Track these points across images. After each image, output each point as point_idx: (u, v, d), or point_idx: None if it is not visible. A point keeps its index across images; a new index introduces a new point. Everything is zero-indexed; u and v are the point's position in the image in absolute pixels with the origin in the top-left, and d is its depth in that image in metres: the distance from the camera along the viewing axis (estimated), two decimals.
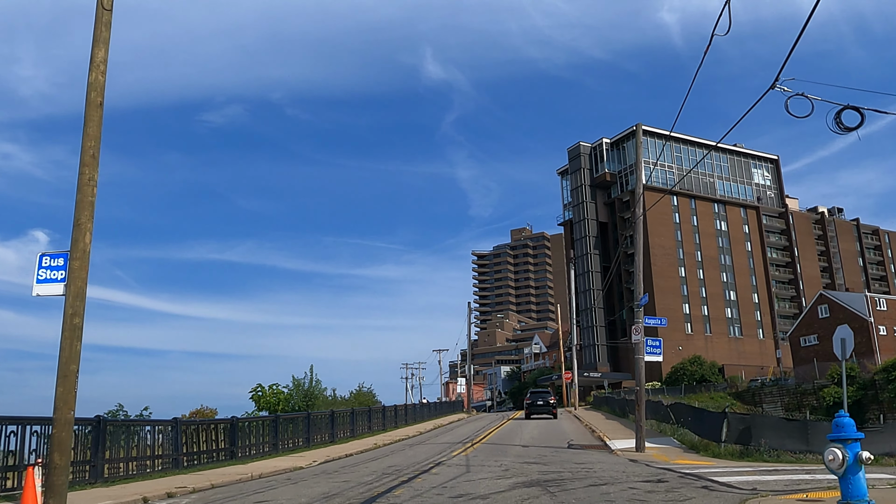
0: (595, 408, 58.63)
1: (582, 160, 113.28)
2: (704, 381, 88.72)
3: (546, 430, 30.82)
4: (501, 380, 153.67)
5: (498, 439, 26.11)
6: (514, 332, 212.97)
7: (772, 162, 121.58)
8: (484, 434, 29.97)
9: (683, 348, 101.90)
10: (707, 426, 19.56)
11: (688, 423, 21.61)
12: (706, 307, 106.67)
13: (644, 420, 19.83)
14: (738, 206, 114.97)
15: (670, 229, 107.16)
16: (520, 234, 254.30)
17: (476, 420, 49.66)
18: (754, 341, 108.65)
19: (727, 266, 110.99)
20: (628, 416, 38.12)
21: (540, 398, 46.21)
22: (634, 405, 28.35)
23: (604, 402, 54.06)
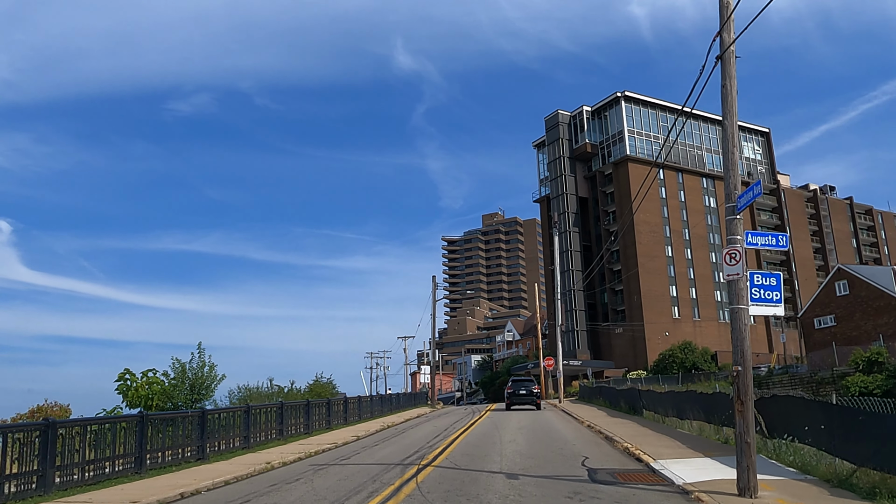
0: (584, 400, 49.19)
1: (560, 130, 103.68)
2: (696, 368, 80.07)
3: (538, 437, 20.98)
4: (472, 369, 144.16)
5: (465, 457, 16.20)
6: (486, 319, 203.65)
7: (762, 135, 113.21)
8: (445, 444, 20.03)
9: (671, 334, 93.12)
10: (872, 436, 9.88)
11: (814, 431, 11.72)
12: (694, 290, 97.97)
13: (752, 432, 9.93)
14: None
15: (656, 205, 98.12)
16: (491, 219, 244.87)
17: (440, 416, 39.82)
18: None
19: (716, 246, 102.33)
20: (641, 412, 28.57)
21: (523, 387, 41.80)
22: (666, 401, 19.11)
23: (596, 394, 44.54)
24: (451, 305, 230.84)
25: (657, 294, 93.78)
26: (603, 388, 43.97)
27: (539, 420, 31.17)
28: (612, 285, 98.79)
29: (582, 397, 52.15)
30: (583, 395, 52.68)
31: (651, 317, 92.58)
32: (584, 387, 54.73)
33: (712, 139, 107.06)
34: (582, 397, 52.15)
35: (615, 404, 35.35)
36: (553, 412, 37.61)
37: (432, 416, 40.96)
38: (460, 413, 42.72)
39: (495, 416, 35.88)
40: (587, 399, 48.00)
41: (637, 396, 29.81)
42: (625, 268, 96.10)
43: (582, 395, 52.93)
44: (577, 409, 38.38)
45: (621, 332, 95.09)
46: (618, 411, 33.12)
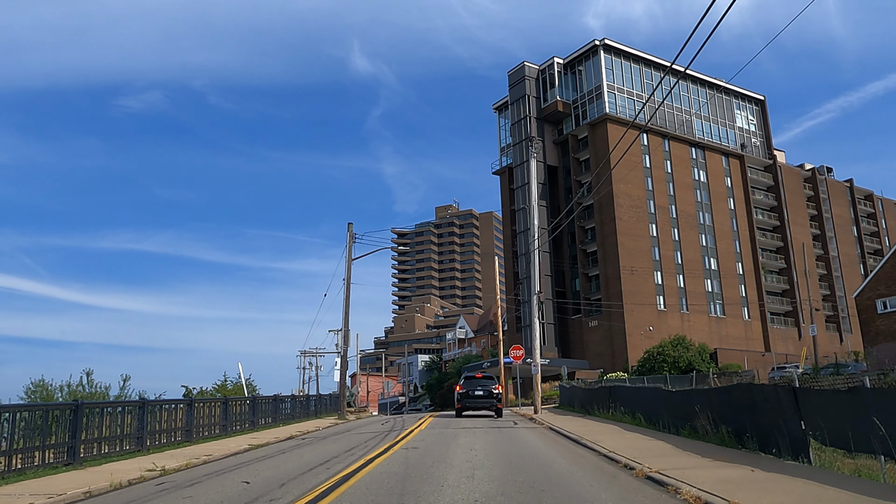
0: (569, 408, 32.43)
1: (527, 86, 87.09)
2: (692, 369, 64.13)
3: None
4: (418, 371, 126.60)
5: None
6: (436, 318, 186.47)
7: (757, 103, 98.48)
8: None
9: (655, 329, 77.11)
10: None
11: None
12: (682, 277, 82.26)
13: None
14: (720, 152, 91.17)
15: (639, 175, 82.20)
16: (445, 211, 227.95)
17: (339, 435, 22.75)
18: (738, 322, 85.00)
19: (707, 227, 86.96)
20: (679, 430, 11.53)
21: (479, 386, 31.74)
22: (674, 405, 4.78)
23: (587, 399, 27.68)
24: (400, 303, 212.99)
25: (640, 281, 77.79)
26: (596, 392, 27.02)
27: (514, 448, 14.09)
28: (586, 270, 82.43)
29: (564, 404, 35.27)
30: (564, 400, 35.84)
31: (633, 308, 76.50)
32: (564, 389, 37.67)
33: (703, 104, 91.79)
34: (564, 404, 35.27)
35: (630, 416, 18.44)
36: (534, 432, 20.53)
37: (328, 433, 23.61)
38: (376, 428, 25.22)
39: (431, 435, 19.00)
40: (573, 406, 31.24)
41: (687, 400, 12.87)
42: (601, 249, 79.91)
43: (563, 401, 36.03)
44: (572, 425, 21.42)
45: (596, 325, 78.73)
46: (653, 429, 16.14)
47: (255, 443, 19.18)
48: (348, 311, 35.40)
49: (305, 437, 21.93)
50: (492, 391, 31.18)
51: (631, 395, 21.51)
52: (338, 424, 28.85)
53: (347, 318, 35.30)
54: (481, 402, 31.23)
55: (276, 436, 21.93)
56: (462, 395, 31.84)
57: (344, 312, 35.34)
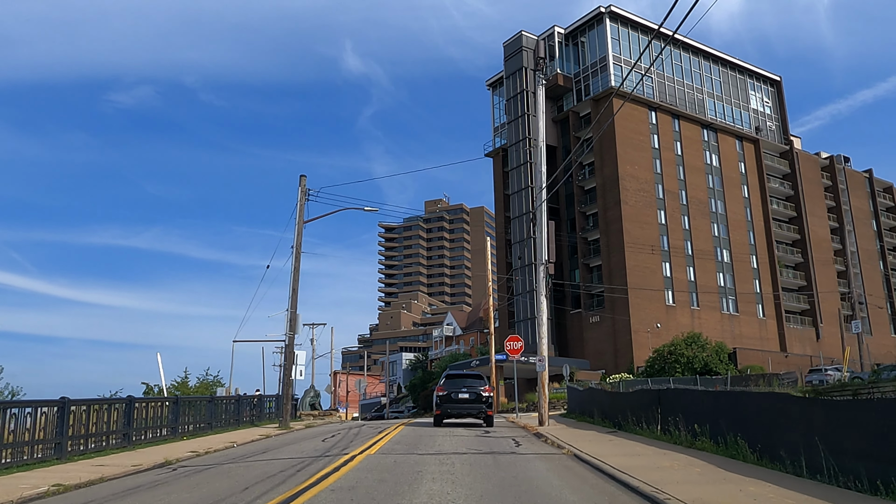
0: (582, 417, 24.36)
1: (524, 58, 78.99)
2: (708, 371, 56.60)
3: None
4: (402, 370, 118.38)
5: None
6: (423, 315, 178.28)
7: (773, 84, 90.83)
8: None
9: (663, 325, 69.33)
10: None
11: None
12: (692, 269, 74.45)
13: None
14: (734, 134, 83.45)
15: (647, 156, 74.39)
16: (435, 205, 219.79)
17: (212, 473, 14.16)
18: (752, 320, 77.26)
19: (719, 215, 79.22)
20: None
21: (465, 387, 25.03)
22: None
23: (616, 407, 19.58)
24: (386, 299, 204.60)
25: (647, 273, 69.95)
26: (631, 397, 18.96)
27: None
28: (587, 260, 74.48)
29: (576, 412, 27.21)
30: (575, 407, 27.78)
31: (639, 302, 68.66)
32: (575, 392, 29.51)
33: (716, 82, 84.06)
34: (576, 412, 27.21)
35: (712, 439, 10.38)
36: (551, 465, 12.41)
37: (226, 457, 15.47)
38: (310, 448, 16.95)
39: (383, 466, 10.99)
40: (590, 416, 23.29)
41: None
42: (604, 236, 72.01)
43: (574, 408, 27.96)
44: (611, 451, 13.37)
45: (598, 321, 70.80)
46: (775, 468, 7.85)
47: (68, 482, 11.01)
48: (297, 287, 27.22)
49: (179, 466, 13.73)
50: (480, 394, 24.83)
51: (705, 403, 13.40)
52: (267, 438, 20.69)
53: (296, 298, 27.12)
54: (467, 407, 24.86)
55: (138, 462, 13.75)
56: (443, 399, 25.14)
57: (291, 289, 27.15)
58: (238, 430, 23.82)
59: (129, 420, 16.67)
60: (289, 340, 26.35)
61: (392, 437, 18.19)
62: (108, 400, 18.22)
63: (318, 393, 48.02)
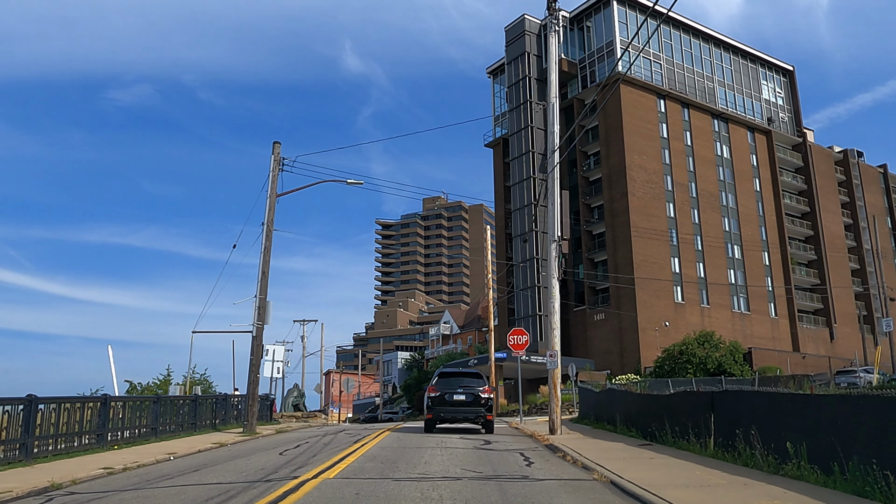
0: (599, 424, 20.67)
1: (527, 42, 75.32)
2: (722, 372, 52.93)
3: None
4: (397, 370, 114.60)
5: None
6: (421, 313, 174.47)
7: (786, 74, 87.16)
8: None
9: (672, 324, 65.67)
10: None
11: None
12: (702, 266, 70.76)
13: None
14: (745, 125, 79.76)
15: (655, 145, 70.69)
16: (433, 203, 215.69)
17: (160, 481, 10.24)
18: (764, 320, 73.54)
19: (730, 209, 75.53)
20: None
21: (461, 386, 21.53)
22: None
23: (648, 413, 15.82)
24: (383, 298, 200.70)
25: (655, 268, 66.26)
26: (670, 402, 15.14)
27: None
28: (592, 254, 70.78)
29: (591, 418, 23.49)
30: (589, 410, 24.10)
31: (646, 299, 64.98)
32: (590, 394, 25.63)
33: (727, 70, 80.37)
34: (591, 418, 23.49)
35: (767, 447, 6.91)
36: (582, 497, 8.45)
37: (135, 479, 11.56)
38: (262, 462, 13.13)
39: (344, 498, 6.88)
40: (611, 423, 19.64)
41: None
42: (610, 230, 68.33)
43: (588, 412, 24.24)
44: (662, 476, 9.44)
45: (603, 318, 67.10)
46: None
47: None
48: (267, 270, 23.46)
49: (61, 494, 10.00)
50: (478, 395, 21.51)
51: (796, 411, 9.63)
52: (219, 448, 16.95)
53: (265, 283, 23.37)
54: (463, 410, 21.51)
55: (8, 489, 10.02)
56: (435, 401, 21.67)
57: (260, 272, 23.39)
58: (191, 437, 20.10)
59: (29, 428, 12.90)
60: (256, 331, 22.58)
61: (368, 450, 14.46)
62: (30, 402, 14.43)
63: (302, 393, 44.29)
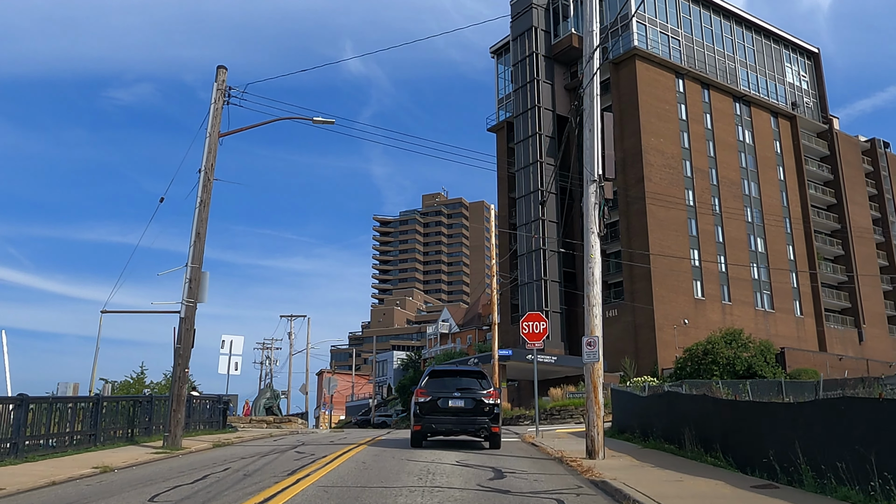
0: (646, 442, 14.85)
1: (534, 16, 69.66)
2: (752, 374, 47.20)
3: None
4: (393, 370, 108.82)
5: None
6: (419, 312, 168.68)
7: (810, 56, 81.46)
8: None
9: (691, 322, 59.98)
10: None
11: None
12: (724, 259, 65.05)
13: None
14: (768, 109, 74.04)
15: (674, 127, 64.99)
16: (433, 199, 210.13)
17: None
18: (789, 319, 67.77)
19: (753, 199, 69.81)
20: None
21: (458, 390, 16.52)
22: None
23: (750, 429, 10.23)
24: (380, 296, 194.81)
25: (673, 261, 60.52)
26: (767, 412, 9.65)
27: None
28: (603, 245, 64.91)
29: (632, 430, 17.63)
30: (632, 420, 18.40)
31: (664, 294, 59.27)
32: (631, 400, 19.73)
33: (749, 50, 74.67)
34: (632, 430, 17.63)
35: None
36: None
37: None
38: None
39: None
40: (667, 440, 14.11)
41: None
42: (624, 218, 62.63)
43: (627, 423, 18.44)
44: None
45: (615, 315, 61.32)
46: None
47: None
48: (203, 231, 17.72)
49: None
50: (481, 399, 16.44)
51: None
52: (99, 474, 11.29)
53: (201, 247, 17.62)
54: (461, 420, 16.28)
55: None
56: (425, 408, 16.41)
57: (194, 233, 17.66)
58: (80, 455, 14.30)
59: None
60: (186, 311, 16.84)
61: (304, 489, 8.66)
62: None
63: (277, 394, 38.48)
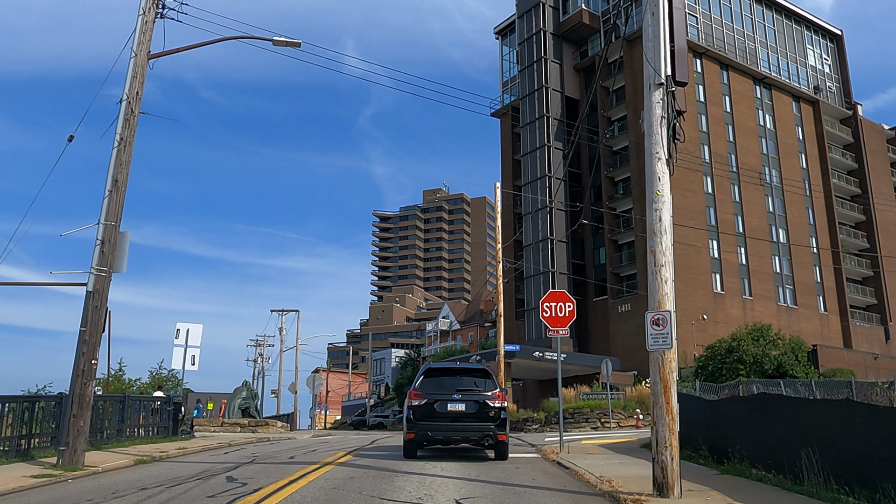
0: (733, 461, 10.55)
1: None
2: (782, 374, 42.76)
3: None
4: (391, 368, 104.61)
5: None
6: (418, 310, 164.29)
7: (833, 39, 77.05)
8: None
9: (710, 317, 55.65)
10: None
11: None
12: (744, 251, 60.71)
13: None
14: (790, 93, 69.68)
15: (691, 109, 60.59)
16: (434, 195, 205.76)
17: None
18: (813, 315, 63.42)
19: (774, 187, 65.47)
20: None
21: (458, 391, 14.13)
22: None
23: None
24: (379, 293, 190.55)
25: (691, 252, 56.23)
26: None
27: None
28: (616, 236, 60.68)
29: (696, 445, 13.06)
30: (698, 435, 13.39)
31: (681, 287, 54.81)
32: (692, 402, 15.34)
33: (769, 30, 70.30)
34: (696, 445, 13.06)
35: None
36: None
37: None
38: None
39: None
40: (786, 473, 9.79)
41: None
42: (638, 206, 58.24)
43: (693, 438, 13.58)
44: None
45: (628, 310, 56.95)
46: None
47: None
48: (123, 179, 13.58)
49: None
50: (485, 402, 14.10)
51: None
52: None
53: (119, 199, 13.53)
54: (462, 427, 13.93)
55: None
56: (419, 412, 14.08)
57: (110, 179, 13.52)
58: None
59: None
60: (95, 283, 12.59)
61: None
62: None
63: (254, 393, 34.18)
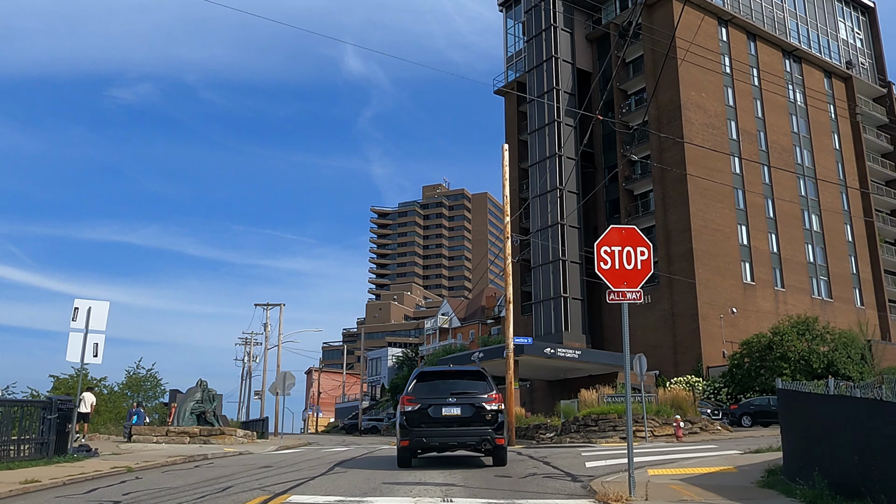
0: None
1: None
2: (834, 373, 36.75)
3: None
4: (388, 368, 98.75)
5: None
6: (417, 308, 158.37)
7: (865, 12, 71.24)
8: None
9: (740, 311, 49.78)
10: None
11: None
12: (775, 238, 54.88)
13: None
14: (821, 68, 63.92)
15: (717, 81, 54.90)
16: (434, 190, 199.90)
17: None
18: (849, 309, 57.49)
19: (806, 168, 59.69)
20: None
21: (453, 394, 12.71)
22: None
23: None
24: (377, 291, 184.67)
25: (719, 237, 50.47)
26: None
27: None
28: (633, 220, 54.79)
29: (826, 474, 7.01)
30: (832, 463, 7.47)
31: (708, 277, 49.10)
32: (811, 402, 9.59)
33: (799, 2, 64.50)
34: (826, 474, 7.01)
35: None
36: None
37: None
38: None
39: None
40: None
41: None
42: (659, 187, 52.49)
43: (818, 463, 7.81)
44: None
45: (649, 303, 50.96)
46: None
47: None
48: None
49: None
50: (481, 405, 12.53)
51: None
52: None
53: None
54: (458, 432, 12.36)
55: None
56: (413, 418, 12.37)
57: None
58: None
59: None
60: None
61: None
62: None
63: (214, 395, 28.17)
